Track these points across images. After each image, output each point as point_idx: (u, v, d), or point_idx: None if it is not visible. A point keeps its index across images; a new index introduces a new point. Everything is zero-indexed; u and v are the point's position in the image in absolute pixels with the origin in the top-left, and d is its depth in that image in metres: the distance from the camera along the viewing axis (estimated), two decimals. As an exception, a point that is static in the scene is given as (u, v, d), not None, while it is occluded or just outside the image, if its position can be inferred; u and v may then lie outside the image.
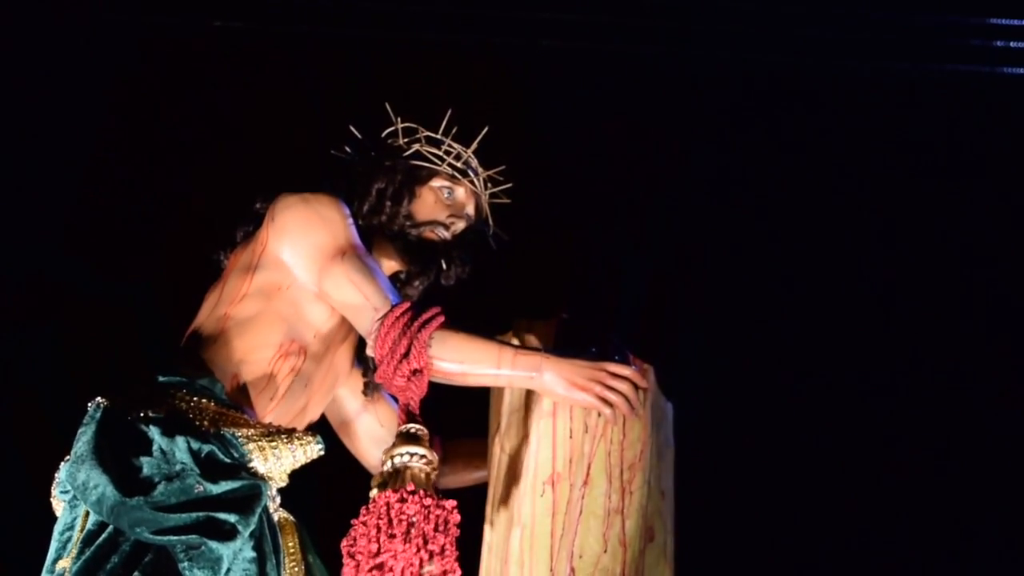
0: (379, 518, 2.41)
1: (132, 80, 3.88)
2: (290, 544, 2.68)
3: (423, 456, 2.51)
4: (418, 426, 2.56)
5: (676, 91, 3.99)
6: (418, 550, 2.38)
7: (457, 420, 2.86)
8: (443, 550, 2.40)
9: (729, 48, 3.99)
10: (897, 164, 4.01)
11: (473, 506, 2.63)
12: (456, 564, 2.42)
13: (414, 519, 2.40)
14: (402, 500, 2.41)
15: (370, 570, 2.38)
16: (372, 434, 3.02)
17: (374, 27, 3.87)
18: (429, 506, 2.41)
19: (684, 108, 3.98)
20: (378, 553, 2.38)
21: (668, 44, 3.97)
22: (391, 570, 2.37)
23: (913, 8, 4.06)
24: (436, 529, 2.41)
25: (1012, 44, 4.13)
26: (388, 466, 2.52)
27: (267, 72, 3.90)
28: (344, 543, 2.46)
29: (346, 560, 2.44)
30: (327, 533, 2.78)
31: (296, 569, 2.68)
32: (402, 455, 2.51)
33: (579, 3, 3.95)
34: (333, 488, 3.07)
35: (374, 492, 2.72)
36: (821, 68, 4.03)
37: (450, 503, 2.45)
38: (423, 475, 2.50)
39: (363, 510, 2.45)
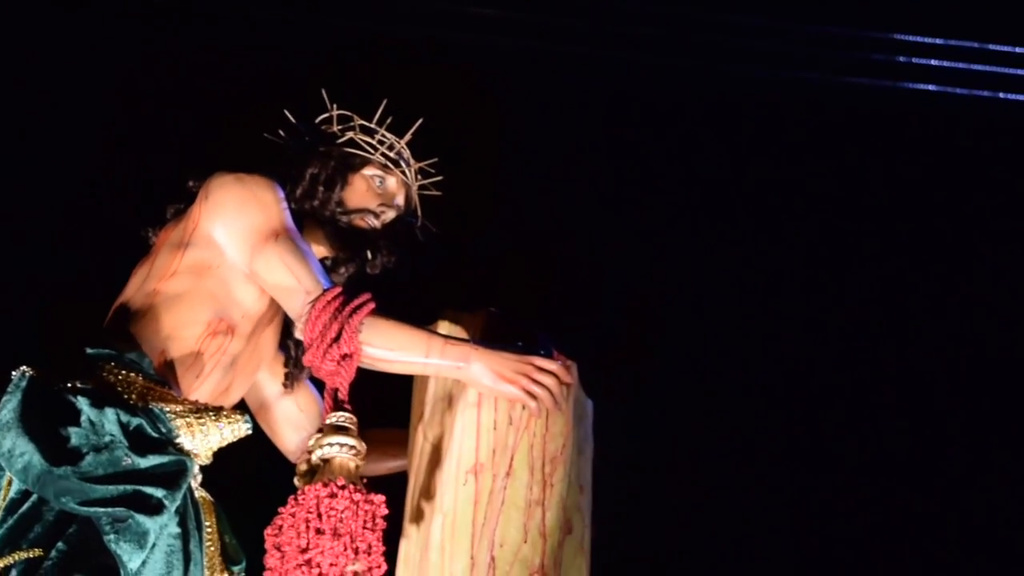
0: (308, 512, 2.40)
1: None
2: (207, 524, 2.66)
3: (352, 447, 2.53)
4: (347, 415, 2.57)
5: (634, 99, 4.06)
6: (346, 548, 2.38)
7: (378, 408, 2.87)
8: (370, 548, 2.41)
9: (690, 57, 4.06)
10: (859, 181, 4.12)
11: (393, 493, 2.64)
12: (382, 560, 2.44)
13: (344, 515, 2.40)
14: (332, 495, 2.41)
15: (298, 566, 2.37)
16: (290, 418, 3.01)
17: (316, 12, 3.87)
18: (359, 502, 2.42)
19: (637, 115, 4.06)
20: (306, 549, 2.38)
21: (644, 52, 4.02)
22: (318, 566, 2.37)
23: (824, 21, 4.17)
24: (364, 526, 2.41)
25: (914, 60, 4.26)
26: (316, 456, 2.52)
27: (205, 52, 3.88)
28: (268, 532, 2.45)
29: (271, 551, 2.43)
30: (241, 512, 2.77)
31: (212, 549, 2.66)
32: (331, 445, 2.52)
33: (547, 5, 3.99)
34: (249, 468, 3.07)
35: (298, 482, 2.74)
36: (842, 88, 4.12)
37: (379, 498, 2.46)
38: (352, 466, 2.51)
39: (291, 500, 2.44)
